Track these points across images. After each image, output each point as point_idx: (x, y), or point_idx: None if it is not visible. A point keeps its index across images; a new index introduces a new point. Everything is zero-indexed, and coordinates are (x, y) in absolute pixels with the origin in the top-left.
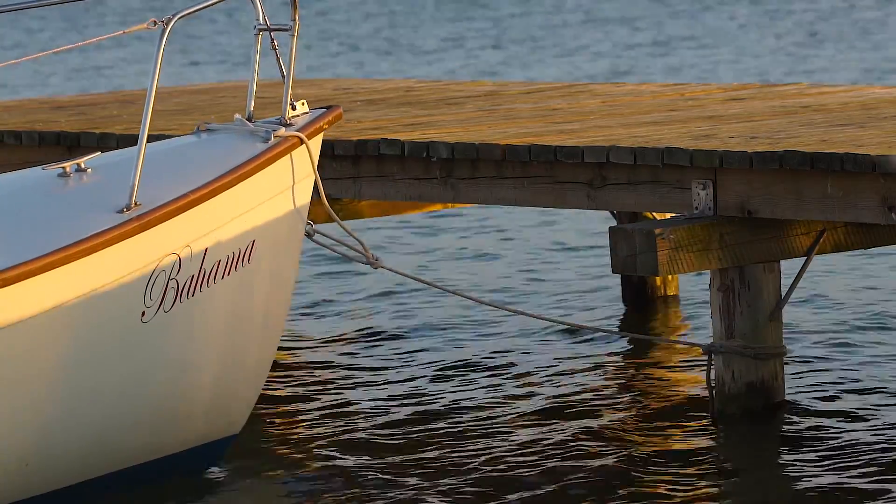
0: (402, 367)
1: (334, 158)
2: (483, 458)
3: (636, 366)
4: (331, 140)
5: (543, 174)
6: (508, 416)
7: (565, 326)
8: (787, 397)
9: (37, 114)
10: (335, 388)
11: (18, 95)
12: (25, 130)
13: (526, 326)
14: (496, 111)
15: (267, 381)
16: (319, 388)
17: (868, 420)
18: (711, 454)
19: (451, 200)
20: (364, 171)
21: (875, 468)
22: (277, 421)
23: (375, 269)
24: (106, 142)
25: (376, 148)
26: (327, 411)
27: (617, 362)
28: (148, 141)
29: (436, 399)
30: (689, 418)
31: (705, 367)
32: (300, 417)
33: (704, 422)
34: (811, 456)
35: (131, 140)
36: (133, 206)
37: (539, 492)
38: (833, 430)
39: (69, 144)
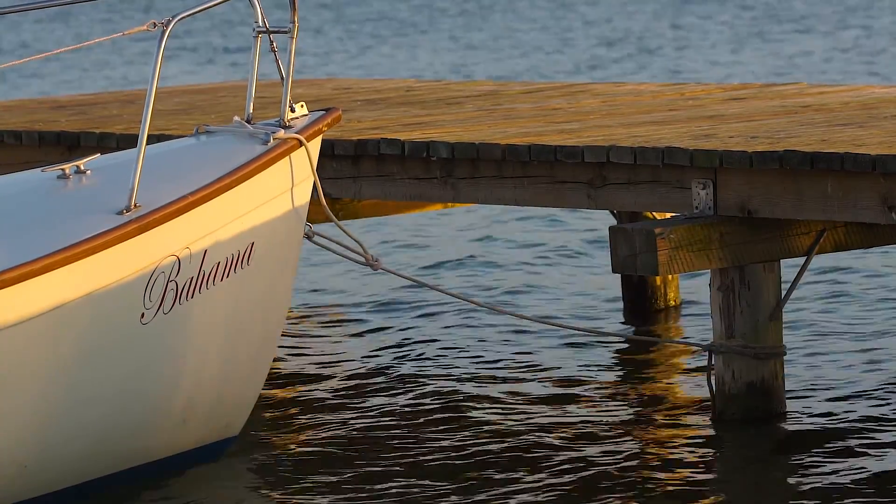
0: (401, 367)
1: (334, 158)
2: (483, 458)
3: (636, 366)
4: (331, 140)
5: (543, 174)
6: (507, 417)
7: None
8: (788, 397)
9: (37, 113)
10: (335, 389)
11: (19, 95)
12: (25, 130)
13: (524, 327)
14: (496, 111)
15: (266, 382)
16: (319, 388)
17: (868, 420)
18: (711, 454)
19: (451, 200)
20: (364, 171)
21: (875, 468)
22: (276, 422)
23: (375, 270)
24: (106, 141)
25: (376, 147)
26: (327, 411)
27: (617, 362)
28: (148, 142)
29: (435, 399)
30: (689, 418)
31: (705, 367)
32: (299, 418)
33: (704, 422)
34: (811, 456)
35: (131, 140)
36: (132, 207)
37: (539, 492)
38: (833, 430)
39: (69, 144)
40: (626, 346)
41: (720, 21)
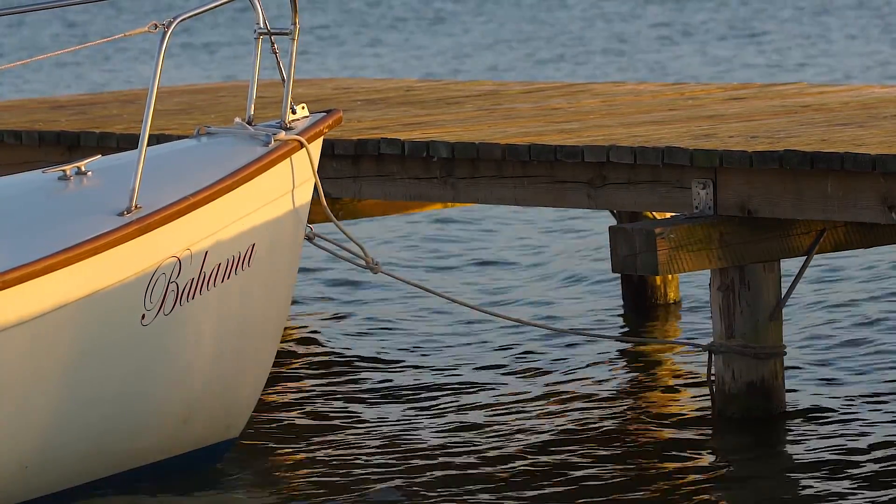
0: (400, 370)
1: (334, 158)
2: (482, 459)
3: (636, 366)
4: (331, 139)
5: (543, 174)
6: (507, 419)
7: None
8: (787, 397)
9: (37, 113)
10: (335, 391)
11: (19, 95)
12: (25, 130)
13: (523, 329)
14: (496, 111)
15: (266, 383)
16: (320, 390)
17: (868, 419)
18: (711, 454)
19: (451, 200)
20: (364, 171)
21: (875, 468)
22: (277, 423)
23: (375, 273)
24: (106, 141)
25: (376, 147)
26: (327, 414)
27: (617, 362)
28: (148, 142)
29: (435, 403)
30: (689, 418)
31: (705, 367)
32: (300, 419)
33: (704, 421)
34: (811, 455)
35: (131, 140)
36: (133, 208)
37: (538, 492)
38: (833, 430)
39: (69, 144)
40: (625, 346)
41: (711, 19)
